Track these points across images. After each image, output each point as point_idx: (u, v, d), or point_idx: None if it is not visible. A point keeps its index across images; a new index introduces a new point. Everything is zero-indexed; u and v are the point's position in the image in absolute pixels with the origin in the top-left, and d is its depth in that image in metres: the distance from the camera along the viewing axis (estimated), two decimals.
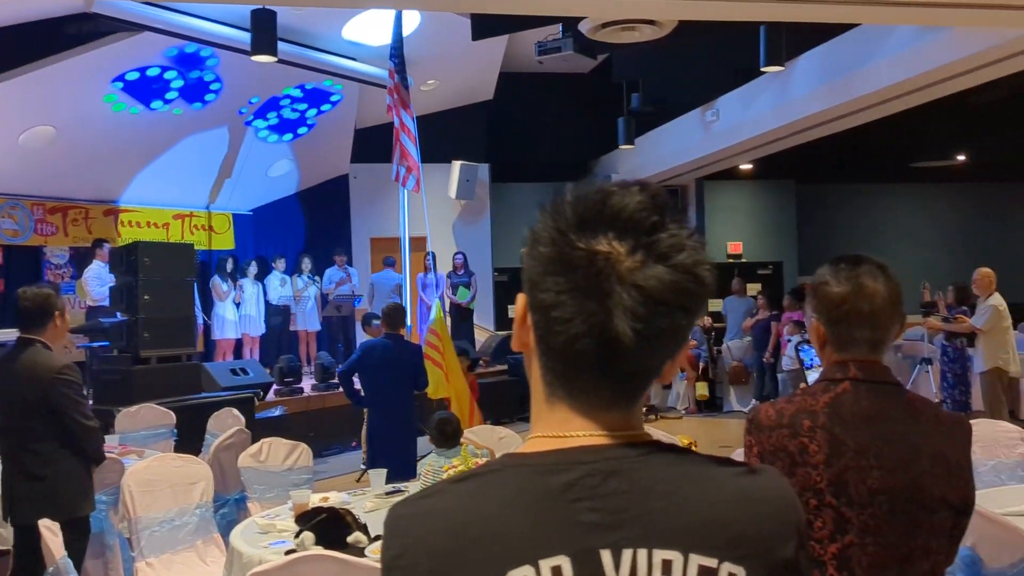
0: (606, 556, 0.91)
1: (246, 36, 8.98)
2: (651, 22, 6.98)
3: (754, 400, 12.17)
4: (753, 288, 13.86)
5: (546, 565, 0.90)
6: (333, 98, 12.62)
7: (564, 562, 0.90)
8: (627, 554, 0.91)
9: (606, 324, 0.92)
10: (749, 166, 15.70)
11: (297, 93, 12.11)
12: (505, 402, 11.65)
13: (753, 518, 0.95)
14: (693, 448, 1.07)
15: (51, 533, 3.15)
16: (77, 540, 3.80)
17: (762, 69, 9.08)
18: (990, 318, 8.24)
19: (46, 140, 10.34)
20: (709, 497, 0.95)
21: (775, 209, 17.76)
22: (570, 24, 8.47)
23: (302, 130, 12.94)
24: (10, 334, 9.50)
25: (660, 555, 0.92)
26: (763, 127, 11.12)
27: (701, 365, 11.90)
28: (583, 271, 0.93)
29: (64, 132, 10.37)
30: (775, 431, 1.89)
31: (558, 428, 0.98)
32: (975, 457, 4.40)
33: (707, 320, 12.41)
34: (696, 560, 0.92)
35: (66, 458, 3.86)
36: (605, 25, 7.09)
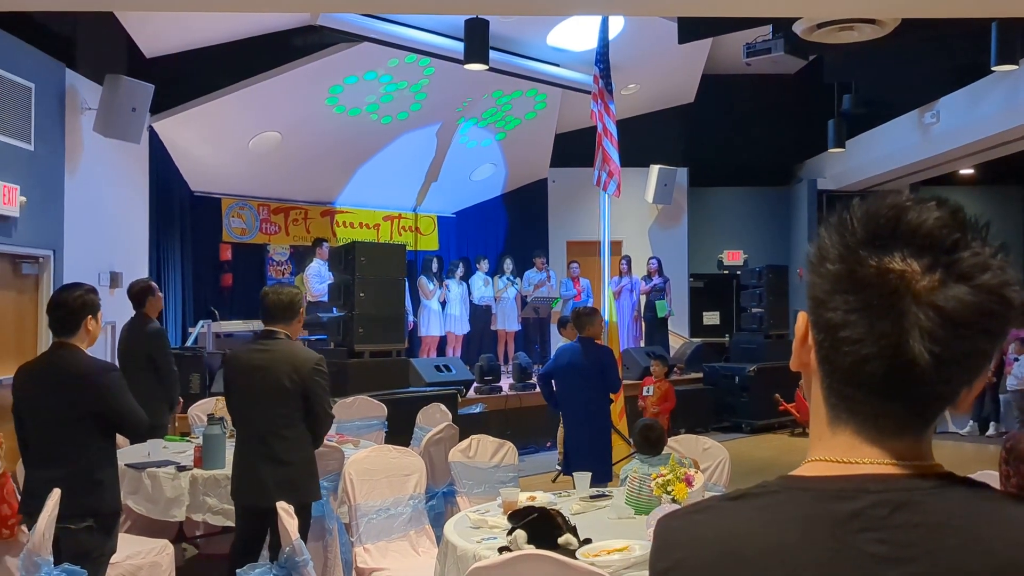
0: None
1: (459, 45, 9.29)
2: (872, 21, 6.65)
3: (971, 422, 11.38)
4: None
5: None
6: (537, 105, 12.84)
7: None
8: None
9: (900, 346, 0.88)
10: (970, 171, 14.68)
11: (502, 100, 12.41)
12: (701, 411, 11.46)
13: None
14: None
15: (288, 516, 3.37)
16: (307, 523, 4.06)
17: (992, 68, 8.46)
18: None
19: (272, 145, 11.12)
20: (1010, 537, 0.89)
21: (999, 217, 16.50)
22: (782, 25, 8.21)
23: (500, 137, 13.24)
24: (235, 325, 10.35)
25: None
26: (990, 129, 10.38)
27: None
28: (875, 289, 0.90)
29: (288, 137, 11.11)
30: None
31: (842, 453, 0.95)
32: None
33: None
34: None
35: (308, 445, 4.13)
36: (821, 25, 6.82)
